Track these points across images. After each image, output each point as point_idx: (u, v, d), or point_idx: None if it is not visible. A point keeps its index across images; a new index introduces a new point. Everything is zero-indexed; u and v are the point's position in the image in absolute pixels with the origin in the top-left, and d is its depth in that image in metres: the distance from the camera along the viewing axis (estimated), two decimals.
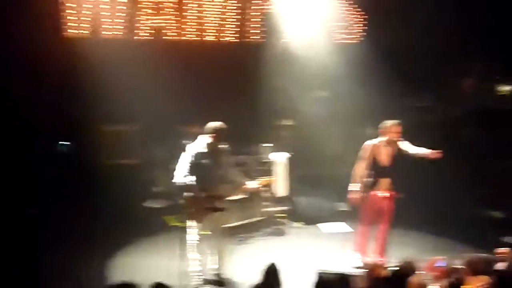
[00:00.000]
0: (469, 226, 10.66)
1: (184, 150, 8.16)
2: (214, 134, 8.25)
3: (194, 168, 8.15)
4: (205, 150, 8.25)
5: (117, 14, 11.47)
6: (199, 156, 8.19)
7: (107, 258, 9.30)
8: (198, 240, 8.42)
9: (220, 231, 8.62)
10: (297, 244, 10.22)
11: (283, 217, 11.11)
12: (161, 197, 11.38)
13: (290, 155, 11.46)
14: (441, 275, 7.41)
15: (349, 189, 9.04)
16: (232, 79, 12.08)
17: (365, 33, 13.11)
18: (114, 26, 11.48)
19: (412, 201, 10.89)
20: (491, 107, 13.35)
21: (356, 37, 13.00)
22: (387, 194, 8.95)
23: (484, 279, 7.01)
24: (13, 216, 7.93)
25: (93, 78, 10.80)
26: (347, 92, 12.56)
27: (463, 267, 7.25)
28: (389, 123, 8.90)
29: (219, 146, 8.34)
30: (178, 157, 8.29)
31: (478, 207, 11.76)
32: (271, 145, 11.63)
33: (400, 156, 8.96)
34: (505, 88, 13.39)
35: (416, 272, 7.32)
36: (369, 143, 8.99)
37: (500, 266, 7.21)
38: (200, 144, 8.28)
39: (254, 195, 10.66)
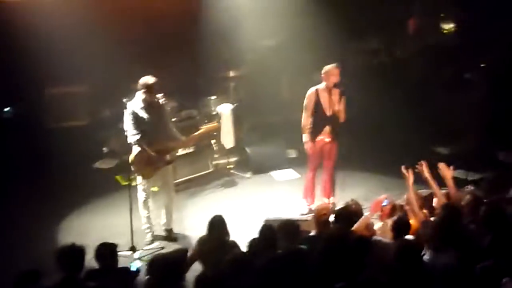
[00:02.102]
0: (416, 164, 10.80)
1: (125, 108, 8.13)
2: (145, 89, 8.19)
3: (136, 125, 8.13)
4: (142, 105, 8.22)
5: None
6: (137, 112, 8.17)
7: (58, 221, 9.33)
8: (146, 197, 8.47)
9: (168, 186, 8.67)
10: (247, 194, 10.31)
11: (233, 168, 11.15)
12: (110, 157, 11.34)
13: (236, 106, 11.46)
14: (386, 214, 7.60)
15: (303, 140, 9.11)
16: (176, 31, 11.93)
17: None
18: None
19: (359, 142, 11.12)
20: (436, 45, 13.47)
21: None
22: (329, 139, 9.03)
23: (424, 214, 7.22)
24: None
25: (35, 40, 10.63)
26: (293, 40, 12.55)
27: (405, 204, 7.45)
28: (328, 67, 8.89)
29: (155, 100, 8.30)
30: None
31: (425, 145, 11.94)
32: (218, 97, 11.62)
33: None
34: (448, 26, 13.45)
35: (362, 211, 7.52)
36: (311, 90, 9.02)
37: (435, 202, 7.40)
38: (137, 100, 8.24)
39: (201, 148, 10.69)
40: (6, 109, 11.65)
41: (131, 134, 8.16)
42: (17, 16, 10.64)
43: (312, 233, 7.04)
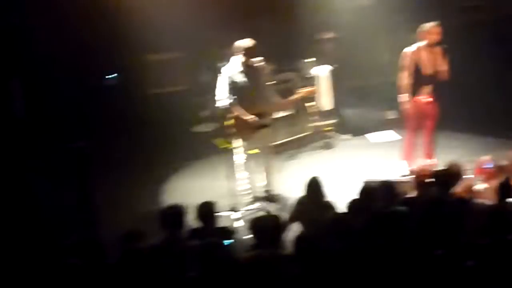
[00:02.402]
0: None
1: (220, 73, 8.19)
2: (244, 52, 8.21)
3: (233, 89, 8.19)
4: (240, 69, 8.26)
5: None
6: (234, 76, 8.22)
7: (158, 183, 9.62)
8: (245, 159, 8.55)
9: (267, 148, 8.72)
10: (346, 156, 10.26)
11: (330, 131, 11.09)
12: (209, 121, 11.49)
13: (333, 68, 11.34)
14: (490, 176, 7.37)
15: (399, 100, 8.94)
16: None
17: None
18: None
19: (458, 103, 10.79)
20: None
21: None
22: (430, 99, 8.82)
23: None
24: (65, 148, 8.11)
25: (135, 11, 10.88)
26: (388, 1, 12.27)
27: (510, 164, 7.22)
28: (427, 25, 8.65)
29: (253, 63, 8.32)
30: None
31: None
32: (314, 59, 11.53)
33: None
34: None
35: (463, 173, 7.34)
36: (408, 49, 8.81)
37: None
38: (234, 64, 8.28)
39: (300, 110, 10.68)
40: (109, 76, 11.94)
41: (225, 98, 8.22)
42: None
43: (412, 195, 6.93)
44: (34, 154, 9.60)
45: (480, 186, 7.22)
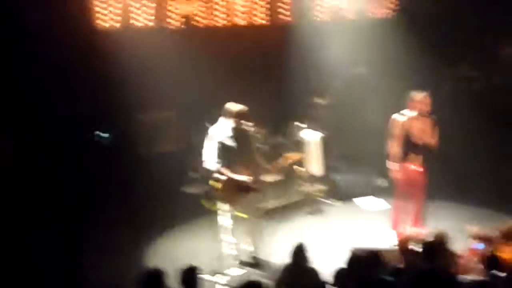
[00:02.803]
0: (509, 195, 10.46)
1: (208, 134, 8.21)
2: (235, 117, 8.25)
3: (223, 152, 8.19)
4: (231, 133, 8.27)
5: (147, 3, 11.49)
6: (224, 139, 8.23)
7: (145, 243, 9.50)
8: (232, 223, 8.49)
9: (255, 213, 8.67)
10: (335, 223, 10.19)
11: (321, 197, 11.05)
12: (199, 182, 11.44)
13: (324, 134, 11.38)
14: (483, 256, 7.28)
15: (388, 167, 8.95)
16: (265, 61, 12.07)
17: (398, 6, 12.87)
18: (144, 16, 11.51)
19: (449, 172, 10.82)
20: None
21: (389, 11, 12.74)
22: (420, 169, 8.82)
23: None
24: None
25: (126, 68, 10.89)
26: (382, 68, 12.41)
27: (497, 236, 7.18)
28: (419, 95, 8.73)
29: (245, 128, 8.34)
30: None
31: None
32: (306, 124, 11.58)
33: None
34: None
35: (449, 244, 7.29)
36: (398, 117, 8.85)
37: None
38: (224, 127, 8.30)
39: (290, 176, 10.67)
40: (104, 135, 11.91)
41: (213, 161, 8.20)
42: (115, 42, 10.94)
43: (399, 265, 6.87)
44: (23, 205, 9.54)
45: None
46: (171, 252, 9.12)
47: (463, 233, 7.70)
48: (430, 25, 12.51)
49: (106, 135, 11.88)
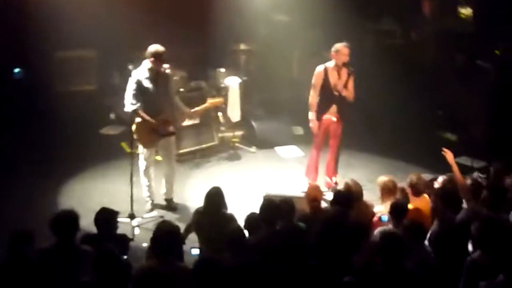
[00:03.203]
0: (423, 148, 10.81)
1: (130, 76, 8.09)
2: (153, 58, 8.14)
3: (140, 94, 8.10)
4: (147, 74, 8.18)
5: None
6: (142, 81, 8.14)
7: (60, 184, 9.34)
8: (147, 166, 8.47)
9: (170, 156, 8.66)
10: (251, 168, 10.29)
11: (238, 142, 11.12)
12: (117, 124, 11.33)
13: (244, 80, 11.39)
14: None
15: (309, 117, 9.07)
16: (190, 4, 11.91)
17: None
18: None
19: (366, 123, 11.06)
20: (451, 30, 13.33)
21: None
22: (335, 118, 8.98)
23: (425, 200, 7.19)
24: None
25: (45, 3, 10.64)
26: (306, 17, 12.43)
27: (407, 187, 7.41)
28: (338, 45, 8.80)
29: (162, 70, 8.26)
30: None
31: (433, 130, 11.90)
32: (227, 69, 11.56)
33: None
34: (467, 10, 13.26)
35: (362, 193, 7.49)
36: (319, 68, 8.94)
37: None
38: (143, 69, 8.20)
39: (208, 120, 10.65)
40: (16, 70, 11.58)
41: (130, 103, 8.12)
42: None
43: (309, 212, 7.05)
44: None
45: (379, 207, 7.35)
46: (87, 195, 9.01)
47: (375, 184, 7.87)
48: None
49: (17, 70, 11.55)
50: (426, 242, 6.19)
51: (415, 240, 5.87)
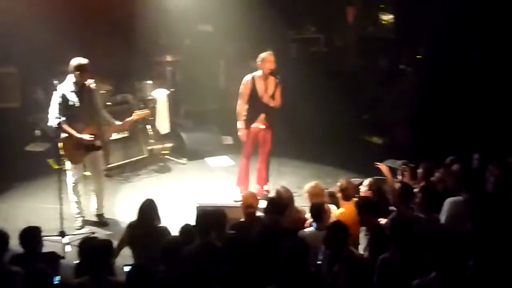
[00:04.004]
0: (350, 153, 11.01)
1: (55, 90, 7.96)
2: (77, 72, 8.04)
3: (65, 108, 7.96)
4: (72, 88, 8.07)
5: None
6: (67, 95, 8.02)
7: None
8: (75, 182, 8.34)
9: (98, 171, 8.55)
10: (182, 180, 10.26)
11: (168, 154, 11.06)
12: (42, 140, 11.10)
13: (171, 91, 11.36)
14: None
15: (238, 126, 9.12)
16: (113, 17, 11.76)
17: None
18: None
19: (293, 131, 11.19)
20: (373, 36, 13.64)
21: None
22: (263, 126, 9.05)
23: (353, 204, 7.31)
24: None
25: None
26: (230, 27, 12.49)
27: (337, 191, 7.53)
28: (263, 54, 8.88)
29: (86, 83, 8.16)
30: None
31: (359, 134, 12.14)
32: (154, 81, 11.49)
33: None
34: (387, 17, 13.59)
35: (292, 199, 7.58)
36: (247, 77, 9.00)
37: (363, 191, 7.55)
38: (68, 83, 8.09)
39: (136, 133, 10.57)
40: None
41: (54, 117, 7.98)
42: None
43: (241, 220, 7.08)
44: None
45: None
46: (13, 214, 8.77)
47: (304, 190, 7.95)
48: None
49: None
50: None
51: (338, 242, 5.97)
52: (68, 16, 11.10)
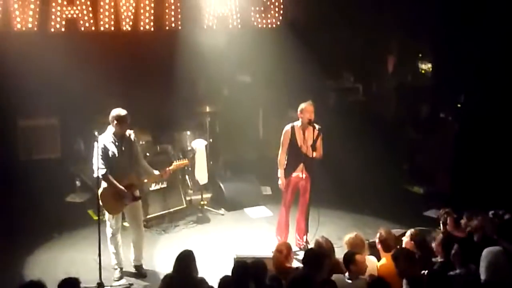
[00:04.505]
0: (391, 202, 10.86)
1: (96, 141, 8.04)
2: (115, 122, 8.13)
3: (104, 159, 8.04)
4: (112, 139, 8.15)
5: (29, 6, 11.05)
6: (107, 146, 8.10)
7: (27, 254, 9.13)
8: (114, 232, 8.34)
9: (137, 221, 8.55)
10: (221, 231, 10.20)
11: (207, 204, 11.02)
12: (83, 191, 11.19)
13: (209, 141, 11.41)
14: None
15: (278, 175, 9.09)
16: (152, 68, 11.96)
17: (283, 17, 13.02)
18: (26, 18, 11.07)
19: (334, 180, 11.10)
20: (412, 84, 13.59)
21: (275, 21, 12.85)
22: (303, 176, 8.99)
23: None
24: None
25: (7, 72, 10.56)
26: (268, 77, 12.57)
27: (377, 242, 7.41)
28: (303, 104, 8.91)
29: (126, 134, 8.24)
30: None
31: (400, 184, 11.98)
32: (193, 132, 11.55)
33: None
34: (426, 66, 13.57)
35: (332, 249, 7.45)
36: (287, 127, 9.03)
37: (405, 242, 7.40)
38: (108, 134, 8.17)
39: (175, 184, 10.58)
40: None
41: (98, 168, 8.04)
42: None
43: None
44: None
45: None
46: (53, 265, 8.81)
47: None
48: (314, 37, 12.79)
49: None
50: None
51: None
52: (107, 67, 11.31)
